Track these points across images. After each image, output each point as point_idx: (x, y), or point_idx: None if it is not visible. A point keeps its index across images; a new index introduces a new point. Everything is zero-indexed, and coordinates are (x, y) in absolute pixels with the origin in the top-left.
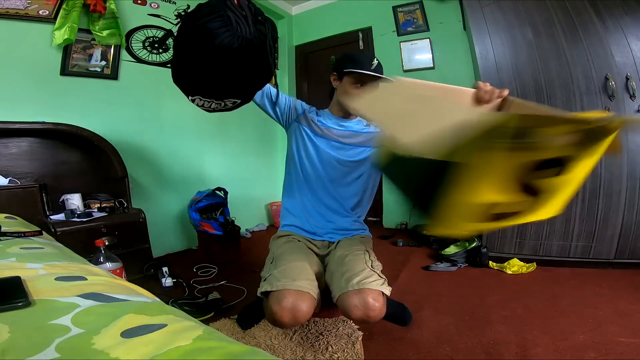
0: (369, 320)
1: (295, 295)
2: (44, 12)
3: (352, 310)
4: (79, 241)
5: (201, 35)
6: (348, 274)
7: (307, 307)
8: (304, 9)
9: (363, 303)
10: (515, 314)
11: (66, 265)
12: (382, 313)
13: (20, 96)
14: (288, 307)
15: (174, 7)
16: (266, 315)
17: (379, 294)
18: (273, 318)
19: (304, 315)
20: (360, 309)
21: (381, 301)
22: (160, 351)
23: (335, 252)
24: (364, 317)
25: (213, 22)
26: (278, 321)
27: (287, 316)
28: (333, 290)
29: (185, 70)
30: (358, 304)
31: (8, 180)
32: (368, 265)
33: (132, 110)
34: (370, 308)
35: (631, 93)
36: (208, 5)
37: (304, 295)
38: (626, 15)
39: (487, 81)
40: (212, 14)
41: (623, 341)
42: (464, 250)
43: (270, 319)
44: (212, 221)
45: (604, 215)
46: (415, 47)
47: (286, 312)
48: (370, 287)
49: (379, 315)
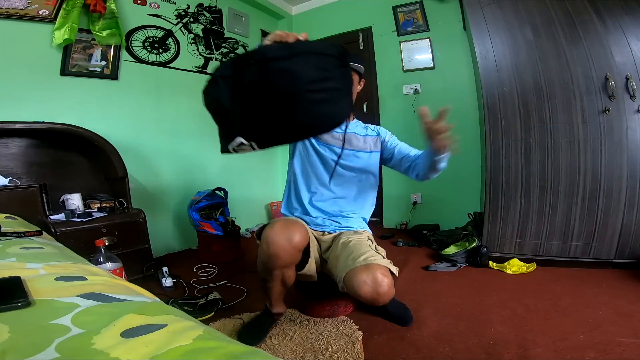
0: (378, 298)
1: (287, 221)
2: (44, 12)
3: (361, 287)
4: (79, 241)
5: (286, 77)
6: (354, 254)
7: (300, 230)
8: (304, 9)
9: (372, 278)
10: (515, 314)
11: (66, 265)
12: (390, 291)
13: (20, 96)
14: (281, 228)
15: (174, 7)
16: (260, 251)
17: (387, 271)
18: (267, 242)
19: (299, 237)
20: (369, 284)
21: (389, 278)
22: (160, 351)
23: (338, 241)
24: (373, 293)
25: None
26: (273, 244)
27: (282, 238)
28: (339, 273)
29: (260, 114)
30: (367, 279)
31: (8, 180)
32: (372, 248)
33: (132, 110)
34: (379, 283)
35: (631, 93)
36: (283, 48)
37: (295, 221)
38: (626, 15)
39: (487, 81)
40: (293, 55)
41: (623, 341)
42: (464, 251)
43: (264, 249)
44: (212, 221)
45: (604, 215)
46: (415, 47)
47: (280, 233)
48: (379, 263)
49: (387, 292)
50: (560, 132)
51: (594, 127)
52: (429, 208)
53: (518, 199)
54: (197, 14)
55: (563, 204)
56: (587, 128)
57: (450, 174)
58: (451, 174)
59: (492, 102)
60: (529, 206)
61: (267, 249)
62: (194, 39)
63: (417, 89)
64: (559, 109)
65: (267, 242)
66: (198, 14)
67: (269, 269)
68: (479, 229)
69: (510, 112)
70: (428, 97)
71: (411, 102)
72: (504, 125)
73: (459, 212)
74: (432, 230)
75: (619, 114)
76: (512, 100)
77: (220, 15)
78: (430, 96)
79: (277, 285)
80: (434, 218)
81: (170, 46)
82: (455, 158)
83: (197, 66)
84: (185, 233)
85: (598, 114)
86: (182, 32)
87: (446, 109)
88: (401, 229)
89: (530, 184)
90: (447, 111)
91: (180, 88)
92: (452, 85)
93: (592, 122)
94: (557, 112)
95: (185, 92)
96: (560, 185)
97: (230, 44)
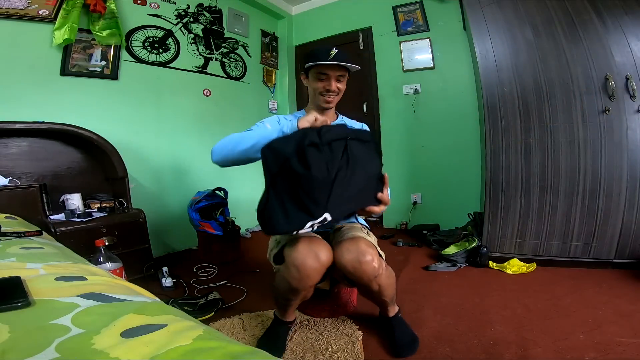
0: (359, 267)
1: (309, 239)
2: (44, 12)
3: (344, 254)
4: (79, 241)
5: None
6: (344, 233)
7: (324, 246)
8: (304, 9)
9: (356, 247)
10: (515, 314)
11: (66, 265)
12: (374, 266)
13: (20, 96)
14: (306, 250)
15: (174, 7)
16: (287, 275)
17: (373, 248)
18: (296, 266)
19: (325, 254)
20: (353, 252)
21: (374, 252)
22: (160, 351)
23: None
24: (354, 262)
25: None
26: (304, 267)
27: (310, 258)
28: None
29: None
30: (350, 247)
31: (8, 180)
32: (364, 232)
33: (132, 110)
34: (362, 252)
35: (631, 93)
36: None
37: (315, 237)
38: (626, 15)
39: (487, 81)
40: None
41: (623, 341)
42: (464, 251)
43: (294, 274)
44: (212, 221)
45: (604, 215)
46: (415, 47)
47: (307, 255)
48: (365, 238)
49: (370, 263)
50: (560, 132)
51: (594, 127)
52: (429, 208)
53: (518, 199)
54: (197, 14)
55: (563, 204)
56: (587, 128)
57: (450, 174)
58: (451, 174)
59: (492, 102)
60: (529, 206)
61: (297, 273)
62: (194, 39)
63: (417, 89)
64: (559, 109)
65: (295, 265)
66: (198, 14)
67: (297, 290)
68: (479, 229)
69: (510, 112)
70: (428, 97)
71: (411, 102)
72: (504, 126)
73: (459, 212)
74: (432, 230)
75: (619, 114)
76: (512, 100)
77: (220, 15)
78: (430, 96)
79: (299, 301)
80: (434, 218)
81: (170, 46)
82: (455, 158)
83: (197, 66)
84: (185, 233)
85: (598, 114)
86: (182, 32)
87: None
88: (401, 229)
89: (530, 184)
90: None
91: (180, 88)
92: (452, 85)
93: (592, 122)
94: (557, 112)
95: (185, 92)
96: (560, 185)
97: (230, 44)
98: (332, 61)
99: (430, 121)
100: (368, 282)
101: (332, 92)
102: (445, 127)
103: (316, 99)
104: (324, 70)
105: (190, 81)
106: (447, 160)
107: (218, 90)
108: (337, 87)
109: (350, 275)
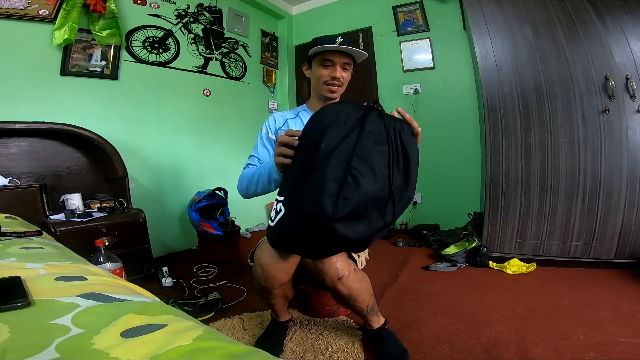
0: (322, 267)
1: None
2: (44, 12)
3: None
4: (79, 241)
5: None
6: None
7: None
8: (304, 9)
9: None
10: (515, 314)
11: (66, 265)
12: (339, 267)
13: (20, 96)
14: (271, 249)
15: (174, 7)
16: (255, 274)
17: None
18: (261, 265)
19: (291, 256)
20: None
21: (342, 256)
22: (160, 351)
23: None
24: (318, 261)
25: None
26: (267, 266)
27: (274, 258)
28: None
29: None
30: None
31: (8, 180)
32: None
33: (132, 110)
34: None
35: (631, 93)
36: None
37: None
38: (626, 15)
39: (487, 81)
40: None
41: (623, 341)
42: (464, 251)
43: (259, 272)
44: (212, 221)
45: (604, 215)
46: (415, 47)
47: (271, 254)
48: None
49: (334, 264)
50: (560, 132)
51: (594, 127)
52: (429, 208)
53: (518, 199)
54: (197, 14)
55: (563, 204)
56: (587, 128)
57: (450, 174)
58: (451, 174)
59: (492, 102)
60: (529, 206)
61: (261, 271)
62: (194, 39)
63: (417, 89)
64: (559, 109)
65: (260, 264)
66: (198, 14)
67: (268, 289)
68: (479, 229)
69: (510, 112)
70: (428, 97)
71: (411, 102)
72: (504, 126)
73: (459, 212)
74: (432, 230)
75: (619, 114)
76: (512, 100)
77: (220, 15)
78: (430, 96)
79: (279, 300)
80: (434, 218)
81: (170, 46)
82: (455, 158)
83: (197, 66)
84: (185, 233)
85: (598, 114)
86: (182, 32)
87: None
88: (401, 229)
89: (530, 184)
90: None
91: (180, 88)
92: (452, 85)
93: (592, 122)
94: (557, 112)
95: (185, 92)
96: (560, 185)
97: (230, 44)
98: (338, 46)
99: (430, 121)
100: (332, 284)
101: (337, 79)
102: (445, 127)
103: (319, 89)
104: (329, 56)
105: (190, 81)
106: (447, 160)
107: (218, 90)
108: (342, 76)
109: (313, 275)
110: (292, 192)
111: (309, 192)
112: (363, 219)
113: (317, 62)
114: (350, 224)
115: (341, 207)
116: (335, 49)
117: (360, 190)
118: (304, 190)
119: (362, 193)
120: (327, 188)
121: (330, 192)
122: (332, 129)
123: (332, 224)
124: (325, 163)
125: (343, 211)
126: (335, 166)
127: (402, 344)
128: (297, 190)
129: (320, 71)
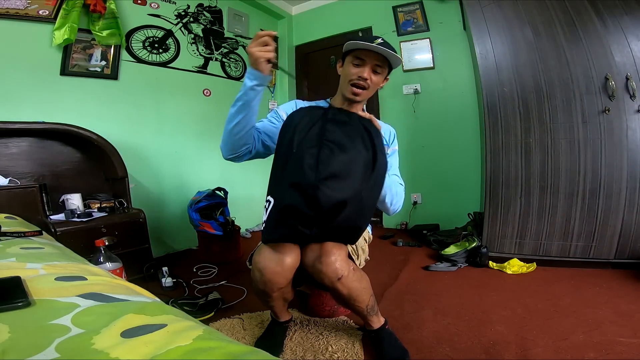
0: (321, 267)
1: (278, 244)
2: (44, 12)
3: (307, 254)
4: (79, 241)
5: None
6: None
7: (290, 250)
8: (304, 9)
9: (320, 247)
10: (515, 314)
11: (66, 265)
12: (338, 267)
13: (20, 96)
14: (270, 253)
15: (174, 7)
16: (253, 278)
17: (342, 249)
18: (259, 269)
19: (290, 259)
20: (316, 252)
21: (341, 255)
22: (160, 351)
23: None
24: (316, 261)
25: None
26: (265, 270)
27: (273, 262)
28: None
29: None
30: (315, 247)
31: (8, 180)
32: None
33: (132, 110)
34: (326, 252)
35: (631, 93)
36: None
37: (286, 244)
38: (626, 15)
39: (487, 81)
40: None
41: (623, 341)
42: (464, 251)
43: (257, 276)
44: (212, 221)
45: (604, 215)
46: (415, 47)
47: (270, 258)
48: (335, 240)
49: (333, 264)
50: (560, 132)
51: (594, 127)
52: (429, 208)
53: (518, 199)
54: (197, 14)
55: (563, 204)
56: (587, 128)
57: (450, 173)
58: (451, 174)
59: (492, 102)
60: (529, 206)
61: (260, 276)
62: (194, 39)
63: (417, 89)
64: (559, 109)
65: (258, 269)
66: (198, 14)
67: (267, 293)
68: (479, 229)
69: (510, 112)
70: (428, 97)
71: (411, 102)
72: (504, 125)
73: (459, 212)
74: (432, 230)
75: (619, 114)
76: (512, 100)
77: (220, 15)
78: (430, 96)
79: (278, 302)
80: (434, 218)
81: (170, 46)
82: (455, 158)
83: (197, 66)
84: (185, 233)
85: (598, 114)
86: (182, 32)
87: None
88: (401, 229)
89: (530, 184)
90: None
91: (180, 88)
92: (452, 85)
93: (592, 122)
94: (557, 112)
95: (185, 92)
96: (560, 185)
97: (230, 44)
98: (375, 46)
99: (430, 121)
100: (331, 284)
101: (363, 80)
102: (445, 127)
103: (344, 89)
104: (361, 55)
105: (190, 81)
106: (447, 160)
107: (218, 90)
108: (371, 78)
109: (313, 275)
110: (277, 182)
111: (291, 171)
112: (346, 178)
113: (349, 60)
114: (335, 184)
115: (322, 170)
116: (367, 47)
117: (335, 156)
118: (287, 172)
119: (338, 159)
120: (306, 159)
121: (309, 162)
122: (300, 124)
123: (317, 184)
124: (300, 147)
125: (325, 172)
126: (309, 146)
127: (402, 344)
128: (280, 177)
129: (350, 69)
